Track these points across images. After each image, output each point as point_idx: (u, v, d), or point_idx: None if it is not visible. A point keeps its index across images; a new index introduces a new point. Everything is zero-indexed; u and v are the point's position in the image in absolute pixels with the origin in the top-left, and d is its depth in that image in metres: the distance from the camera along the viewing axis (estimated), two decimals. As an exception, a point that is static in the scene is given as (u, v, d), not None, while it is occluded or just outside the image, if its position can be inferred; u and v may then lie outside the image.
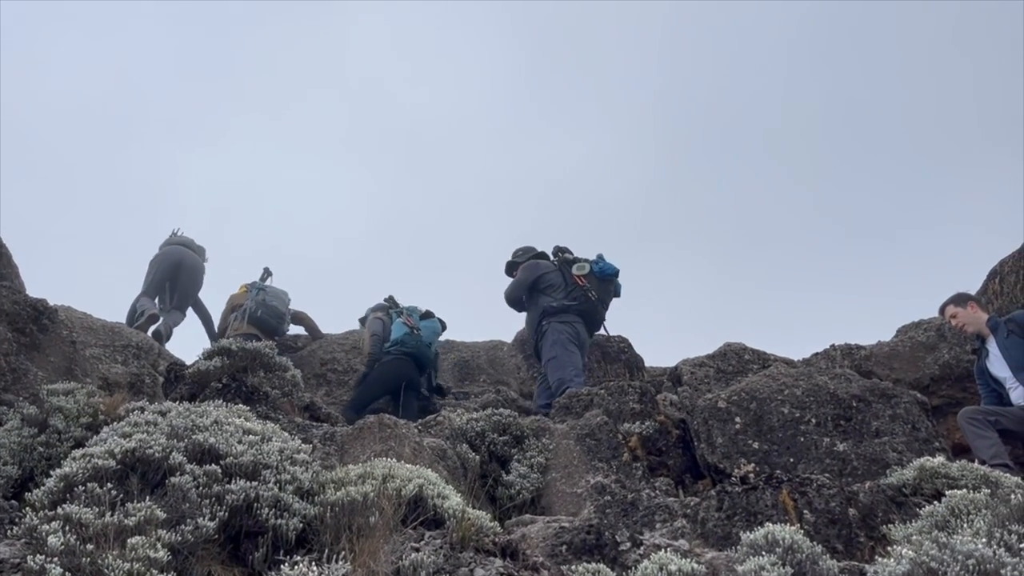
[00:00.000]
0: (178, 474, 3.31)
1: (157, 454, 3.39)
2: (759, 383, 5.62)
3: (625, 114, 36.24)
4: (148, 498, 3.10)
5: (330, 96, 37.66)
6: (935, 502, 3.67)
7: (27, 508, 3.11)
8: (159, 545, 2.78)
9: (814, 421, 5.29)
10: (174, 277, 9.40)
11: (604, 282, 7.74)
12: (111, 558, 2.66)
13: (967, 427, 5.52)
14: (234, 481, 3.37)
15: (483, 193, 37.68)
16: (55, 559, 2.61)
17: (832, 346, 7.51)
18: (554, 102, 37.91)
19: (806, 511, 3.88)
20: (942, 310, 6.39)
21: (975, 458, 5.12)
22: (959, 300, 6.29)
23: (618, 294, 7.92)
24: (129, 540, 2.76)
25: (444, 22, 36.27)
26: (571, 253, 7.98)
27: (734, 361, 7.19)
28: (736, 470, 4.85)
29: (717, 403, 5.46)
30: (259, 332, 8.10)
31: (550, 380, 7.09)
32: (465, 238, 34.15)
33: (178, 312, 9.41)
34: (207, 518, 3.09)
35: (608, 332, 8.10)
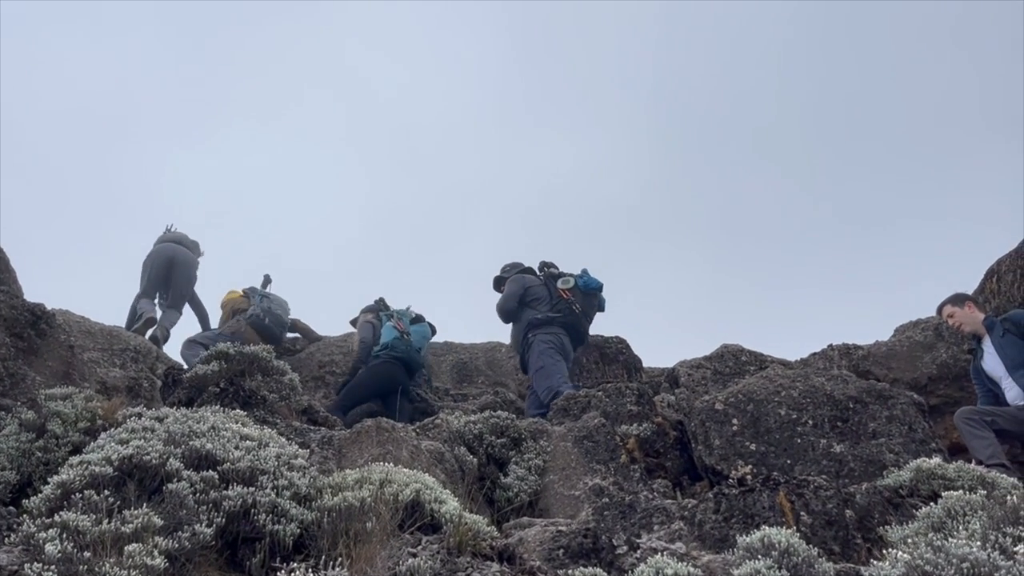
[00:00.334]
0: (175, 480, 3.31)
1: (154, 460, 3.40)
2: (756, 385, 5.62)
3: (619, 113, 36.25)
4: (145, 505, 3.11)
5: (325, 97, 37.63)
6: (931, 503, 3.68)
7: (25, 515, 3.12)
8: (156, 552, 2.79)
9: (811, 422, 5.30)
10: (167, 275, 9.40)
11: (588, 296, 7.93)
12: (108, 566, 2.67)
13: (964, 427, 5.53)
14: (231, 487, 3.38)
15: (479, 194, 37.69)
16: (52, 567, 2.62)
17: (830, 346, 7.51)
18: (549, 102, 37.94)
19: (803, 513, 3.88)
20: (939, 310, 6.42)
21: (972, 458, 5.14)
22: (956, 300, 6.31)
23: (602, 308, 8.10)
24: (126, 547, 2.78)
25: (439, 23, 36.25)
26: (556, 268, 8.17)
27: (731, 362, 7.19)
28: (733, 472, 4.86)
29: (714, 405, 5.46)
30: (262, 339, 8.11)
31: (538, 390, 7.16)
32: (462, 239, 34.14)
33: (174, 311, 9.40)
34: (204, 524, 3.10)
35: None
